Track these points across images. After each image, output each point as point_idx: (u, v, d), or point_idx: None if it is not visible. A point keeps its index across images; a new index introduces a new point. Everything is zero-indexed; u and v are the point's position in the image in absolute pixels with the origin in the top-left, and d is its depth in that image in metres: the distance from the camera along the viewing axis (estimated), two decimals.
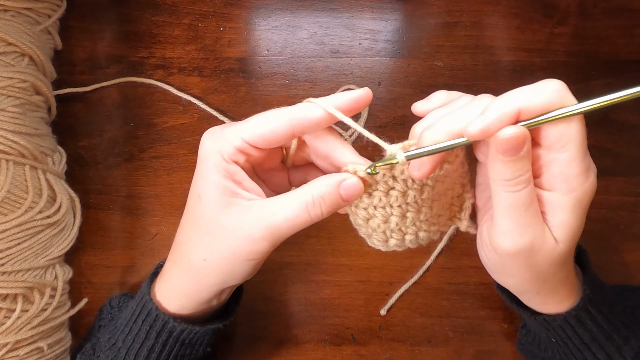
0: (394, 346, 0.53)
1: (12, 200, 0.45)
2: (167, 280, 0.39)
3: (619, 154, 0.55)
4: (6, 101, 0.45)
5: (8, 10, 0.47)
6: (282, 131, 0.33)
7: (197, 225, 0.36)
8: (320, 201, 0.33)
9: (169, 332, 0.39)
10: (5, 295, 0.43)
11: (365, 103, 0.34)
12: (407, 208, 0.34)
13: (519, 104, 0.29)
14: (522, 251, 0.32)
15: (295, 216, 0.33)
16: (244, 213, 0.34)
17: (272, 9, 0.57)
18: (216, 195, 0.34)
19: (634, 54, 0.56)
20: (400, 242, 0.36)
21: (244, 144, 0.34)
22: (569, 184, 0.31)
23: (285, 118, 0.33)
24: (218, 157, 0.34)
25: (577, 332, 0.37)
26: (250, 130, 0.34)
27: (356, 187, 0.33)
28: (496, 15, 0.57)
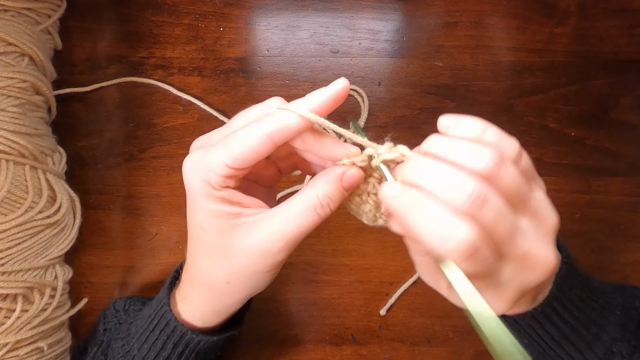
0: (394, 346, 0.53)
1: (12, 200, 0.45)
2: (191, 302, 0.39)
3: (619, 154, 0.55)
4: (6, 101, 0.45)
5: (8, 10, 0.47)
6: (263, 148, 0.32)
7: (209, 252, 0.35)
8: (328, 201, 0.33)
9: (186, 344, 0.39)
10: (5, 295, 0.43)
11: (343, 96, 0.33)
12: None
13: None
14: None
15: (307, 222, 0.34)
16: (255, 230, 0.34)
17: (272, 9, 0.57)
18: (219, 222, 0.34)
19: (634, 54, 0.56)
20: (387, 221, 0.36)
21: (228, 170, 0.33)
22: None
23: (263, 133, 0.32)
24: (208, 188, 0.33)
25: (545, 329, 0.37)
26: (231, 155, 0.32)
27: (357, 177, 0.34)
28: (496, 15, 0.57)
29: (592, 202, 0.54)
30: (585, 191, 0.54)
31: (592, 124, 0.55)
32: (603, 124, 0.55)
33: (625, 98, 0.56)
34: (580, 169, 0.55)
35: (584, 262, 0.53)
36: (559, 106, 0.55)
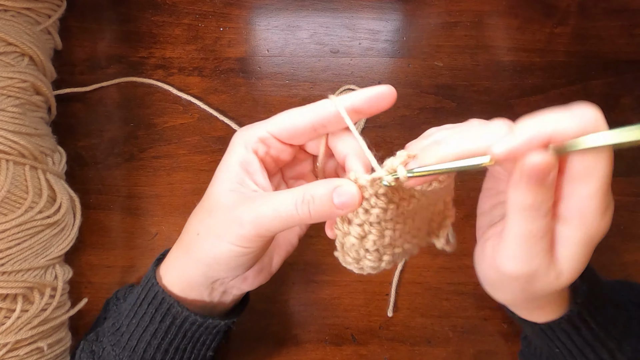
0: (394, 346, 0.53)
1: (12, 200, 0.45)
2: (167, 258, 0.40)
3: (619, 154, 0.55)
4: (6, 101, 0.45)
5: (8, 10, 0.47)
6: (302, 124, 0.35)
7: (203, 203, 0.37)
8: (310, 199, 0.32)
9: (173, 317, 0.39)
10: (5, 295, 0.43)
11: (388, 100, 0.33)
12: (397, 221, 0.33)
13: (553, 128, 0.27)
14: (523, 277, 0.31)
15: (283, 210, 0.33)
16: (242, 199, 0.35)
17: (272, 9, 0.57)
18: (227, 178, 0.36)
19: (634, 54, 0.56)
20: (390, 258, 0.34)
21: (266, 134, 0.35)
22: (584, 220, 0.29)
23: (305, 112, 0.35)
24: (241, 146, 0.36)
25: (581, 333, 0.37)
26: (273, 122, 0.35)
27: (352, 196, 0.31)
28: (496, 15, 0.57)
29: None
30: None
31: None
32: None
33: (625, 98, 0.56)
34: None
35: None
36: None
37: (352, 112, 0.34)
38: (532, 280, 0.31)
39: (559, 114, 0.28)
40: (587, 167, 0.28)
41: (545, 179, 0.27)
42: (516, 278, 0.31)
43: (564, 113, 0.28)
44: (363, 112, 0.34)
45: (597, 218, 0.29)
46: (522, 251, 0.30)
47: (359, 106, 0.34)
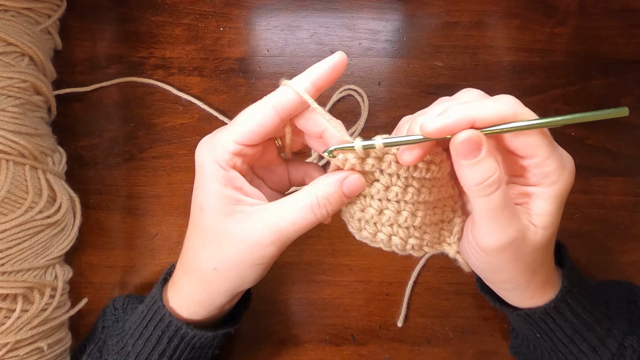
0: (394, 346, 0.53)
1: (12, 200, 0.45)
2: (179, 289, 0.40)
3: (619, 154, 0.55)
4: (6, 101, 0.45)
5: (8, 10, 0.47)
6: (270, 121, 0.34)
7: (203, 236, 0.36)
8: (325, 202, 0.34)
9: (181, 338, 0.39)
10: (5, 295, 0.43)
11: (342, 68, 0.34)
12: (403, 207, 0.35)
13: (474, 114, 0.30)
14: (506, 246, 0.33)
15: (301, 219, 0.34)
16: (249, 219, 0.34)
17: (272, 9, 0.57)
18: (218, 205, 0.34)
19: (634, 54, 0.56)
20: (387, 239, 0.36)
21: (237, 146, 0.34)
22: (550, 179, 0.32)
23: (268, 107, 0.34)
24: (215, 166, 0.34)
25: (558, 324, 0.38)
26: (239, 131, 0.34)
27: (358, 183, 0.34)
28: (496, 15, 0.57)
29: (592, 202, 0.54)
30: (585, 191, 0.54)
31: (592, 124, 0.55)
32: (603, 124, 0.55)
33: (625, 98, 0.56)
34: (580, 169, 0.54)
35: (584, 262, 0.53)
36: (559, 106, 0.55)
37: (314, 91, 0.34)
38: (517, 247, 0.33)
39: (483, 101, 0.31)
40: (525, 145, 0.32)
41: (477, 152, 0.30)
42: (501, 250, 0.33)
43: (486, 100, 0.32)
44: (323, 87, 0.34)
45: (559, 172, 0.32)
46: (493, 224, 0.32)
47: (320, 83, 0.34)
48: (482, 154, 0.30)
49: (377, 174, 0.34)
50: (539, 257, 0.35)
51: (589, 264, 0.53)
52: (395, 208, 0.35)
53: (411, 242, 0.36)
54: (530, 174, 0.33)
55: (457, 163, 0.31)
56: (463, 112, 0.30)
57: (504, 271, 0.36)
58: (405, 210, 0.35)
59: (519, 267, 0.35)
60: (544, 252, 0.35)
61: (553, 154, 0.32)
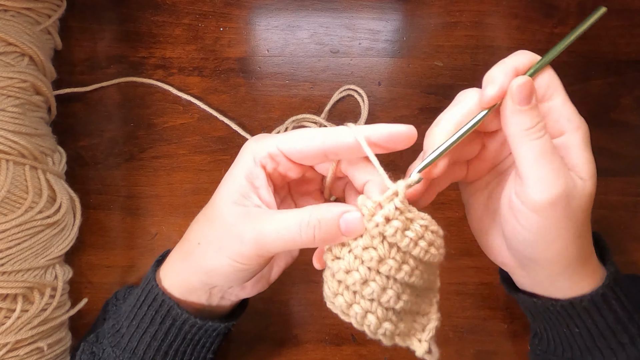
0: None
1: (12, 200, 0.45)
2: (167, 261, 0.41)
3: (619, 154, 0.55)
4: (6, 101, 0.45)
5: (8, 10, 0.47)
6: (314, 149, 0.33)
7: (206, 211, 0.37)
8: (316, 223, 0.32)
9: (173, 319, 0.39)
10: (5, 295, 0.43)
11: (406, 141, 0.33)
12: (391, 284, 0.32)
13: (514, 64, 0.33)
14: (559, 198, 0.32)
15: (285, 231, 0.32)
16: (244, 216, 0.34)
17: (272, 9, 0.57)
18: (232, 189, 0.35)
19: (634, 54, 0.56)
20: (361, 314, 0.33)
21: (277, 150, 0.34)
22: (573, 122, 0.34)
23: (319, 137, 0.33)
24: (250, 157, 0.35)
25: (602, 314, 0.37)
26: (285, 140, 0.34)
27: (358, 223, 0.32)
28: (496, 15, 0.57)
29: None
30: None
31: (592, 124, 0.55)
32: (603, 124, 0.55)
33: (625, 98, 0.56)
34: None
35: None
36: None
37: (370, 145, 0.33)
38: (568, 200, 0.33)
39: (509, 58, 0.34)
40: (548, 84, 0.34)
41: (531, 97, 0.33)
42: (554, 203, 0.32)
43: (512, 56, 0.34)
44: (380, 147, 0.33)
45: (579, 117, 0.35)
46: (545, 170, 0.32)
47: (378, 141, 0.33)
48: (534, 100, 0.33)
49: (376, 241, 0.31)
50: (587, 218, 0.35)
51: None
52: (382, 283, 0.31)
53: (385, 325, 0.33)
54: (554, 121, 0.34)
55: (512, 110, 0.33)
56: (506, 67, 0.33)
57: (556, 237, 0.34)
58: (391, 289, 0.32)
59: (571, 230, 0.34)
60: (589, 209, 0.35)
61: (569, 100, 0.34)
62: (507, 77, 0.33)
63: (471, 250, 0.54)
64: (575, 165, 0.34)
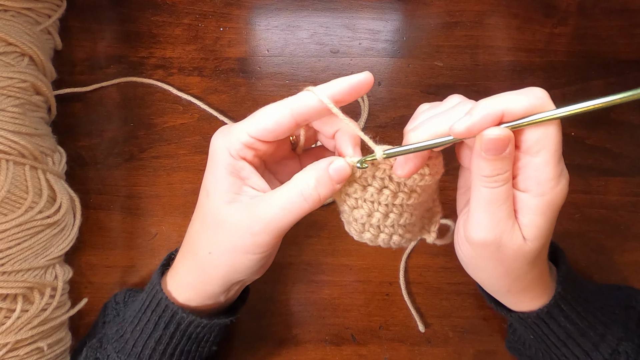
0: (394, 346, 0.53)
1: (12, 200, 0.45)
2: (176, 273, 0.40)
3: (619, 154, 0.55)
4: (6, 101, 0.45)
5: (8, 10, 0.47)
6: (285, 123, 0.34)
7: (204, 220, 0.37)
8: (315, 184, 0.34)
9: (177, 324, 0.39)
10: (5, 295, 0.43)
11: (366, 88, 0.34)
12: (391, 209, 0.36)
13: (504, 106, 0.30)
14: (491, 243, 0.33)
15: (291, 204, 0.34)
16: (245, 208, 0.35)
17: (272, 9, 0.57)
18: (222, 190, 0.35)
19: (634, 54, 0.56)
20: (374, 237, 0.37)
21: (250, 139, 0.35)
22: (541, 188, 0.32)
23: (287, 109, 0.34)
24: (225, 154, 0.35)
25: (551, 328, 0.39)
26: (255, 125, 0.35)
27: (344, 169, 0.34)
28: (496, 15, 0.57)
29: (592, 202, 0.54)
30: (585, 191, 0.54)
31: (592, 124, 0.55)
32: (603, 124, 0.55)
33: None
34: (580, 169, 0.55)
35: (584, 262, 0.53)
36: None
37: (335, 102, 0.34)
38: (500, 248, 0.33)
39: (510, 93, 0.31)
40: (538, 140, 0.31)
41: (502, 150, 0.30)
42: (484, 245, 0.33)
43: (515, 93, 0.31)
44: (344, 101, 0.35)
45: (552, 184, 0.32)
46: (485, 217, 0.33)
47: (342, 96, 0.34)
48: (506, 152, 0.31)
49: (370, 179, 0.35)
50: (523, 267, 0.35)
51: (589, 264, 0.53)
52: (384, 211, 0.36)
53: (394, 238, 0.38)
54: (524, 176, 0.32)
55: (477, 154, 0.31)
56: (492, 107, 0.30)
57: (482, 269, 0.36)
58: (393, 213, 0.36)
59: (498, 270, 0.35)
60: (529, 263, 0.35)
61: (555, 162, 0.32)
62: (483, 121, 0.30)
63: None
64: (523, 225, 0.33)
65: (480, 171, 0.32)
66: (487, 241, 0.33)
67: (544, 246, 0.34)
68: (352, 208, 0.36)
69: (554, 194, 0.32)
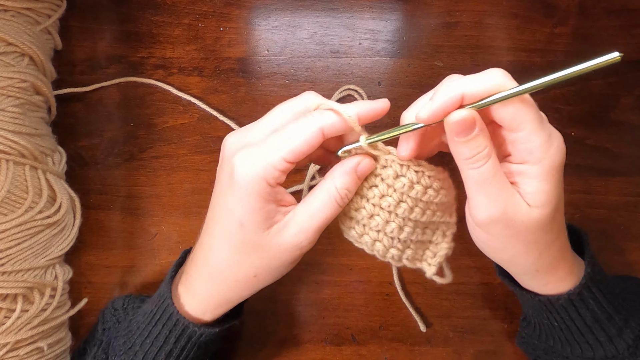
0: (394, 346, 0.53)
1: (12, 200, 0.45)
2: (203, 296, 0.40)
3: (619, 154, 0.55)
4: (6, 101, 0.45)
5: (8, 10, 0.47)
6: (316, 141, 0.34)
7: (241, 248, 0.36)
8: (345, 192, 0.35)
9: (189, 337, 0.40)
10: (5, 295, 0.43)
11: (382, 113, 0.36)
12: (393, 218, 0.36)
13: (462, 89, 0.31)
14: (497, 219, 0.33)
15: (329, 213, 0.35)
16: (285, 228, 0.36)
17: (272, 9, 0.57)
18: (260, 220, 0.35)
19: (634, 54, 0.56)
20: (371, 242, 0.38)
21: (285, 164, 0.34)
22: (535, 155, 0.33)
23: (317, 127, 0.34)
24: (263, 184, 0.34)
25: (579, 312, 0.38)
26: (288, 149, 0.34)
27: (370, 166, 0.36)
28: (496, 15, 0.57)
29: (592, 202, 0.54)
30: (585, 191, 0.54)
31: (592, 124, 0.55)
32: (603, 124, 0.55)
33: (625, 98, 0.56)
34: (580, 169, 0.55)
35: None
36: (559, 106, 0.55)
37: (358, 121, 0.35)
38: (509, 221, 0.33)
39: (469, 77, 0.32)
40: (512, 117, 0.32)
41: (470, 130, 0.32)
42: (493, 222, 0.34)
43: (473, 76, 0.32)
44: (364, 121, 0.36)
45: (544, 148, 0.32)
46: (482, 195, 0.33)
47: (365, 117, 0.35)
48: (475, 132, 0.32)
49: (377, 180, 0.36)
50: (542, 238, 0.35)
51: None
52: (385, 217, 0.36)
53: (392, 251, 0.38)
54: (517, 151, 0.33)
55: (451, 139, 0.32)
56: (451, 91, 0.31)
57: (503, 250, 0.36)
58: (394, 222, 0.36)
59: (518, 246, 0.35)
60: (545, 232, 0.35)
61: (539, 129, 0.32)
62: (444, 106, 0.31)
63: (471, 250, 0.53)
64: (527, 193, 0.34)
65: (460, 156, 0.33)
66: (493, 218, 0.33)
67: (556, 213, 0.34)
68: (356, 209, 0.37)
69: (550, 157, 0.33)
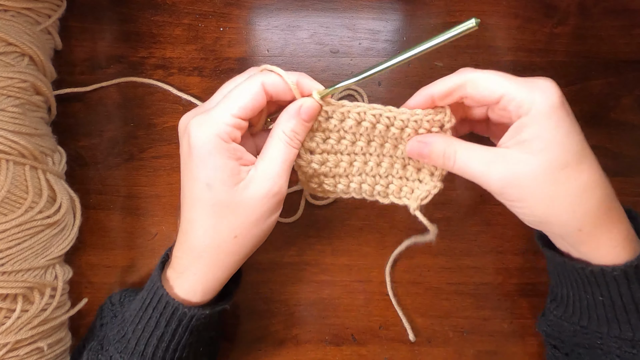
0: (394, 346, 0.53)
1: (12, 200, 0.45)
2: (191, 274, 0.40)
3: (619, 154, 0.55)
4: (6, 101, 0.45)
5: (8, 10, 0.47)
6: (260, 96, 0.37)
7: (214, 211, 0.37)
8: (294, 134, 0.37)
9: (179, 320, 0.40)
10: (5, 295, 0.43)
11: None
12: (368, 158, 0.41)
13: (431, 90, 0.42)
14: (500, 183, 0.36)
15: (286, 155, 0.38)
16: (252, 181, 0.37)
17: (272, 9, 0.57)
18: (226, 177, 0.36)
19: (634, 54, 0.56)
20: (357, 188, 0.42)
21: (235, 119, 0.36)
22: (524, 107, 0.36)
23: (259, 84, 0.37)
24: (217, 140, 0.36)
25: (630, 287, 0.36)
26: (236, 105, 0.36)
27: (311, 104, 0.38)
28: (496, 15, 0.57)
29: None
30: None
31: (592, 124, 0.55)
32: (603, 124, 0.55)
33: (625, 98, 0.56)
34: None
35: None
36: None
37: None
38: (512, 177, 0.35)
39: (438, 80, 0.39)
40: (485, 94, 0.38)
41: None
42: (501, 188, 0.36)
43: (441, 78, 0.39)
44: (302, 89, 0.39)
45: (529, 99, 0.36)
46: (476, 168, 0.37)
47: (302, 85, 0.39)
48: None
49: (342, 133, 0.40)
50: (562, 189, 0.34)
51: None
52: (362, 159, 0.41)
53: (377, 188, 0.42)
54: (512, 114, 0.36)
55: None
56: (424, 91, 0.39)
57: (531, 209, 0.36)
58: (370, 161, 0.41)
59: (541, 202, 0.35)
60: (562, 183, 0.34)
61: (514, 86, 0.35)
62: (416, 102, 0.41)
63: (471, 250, 0.54)
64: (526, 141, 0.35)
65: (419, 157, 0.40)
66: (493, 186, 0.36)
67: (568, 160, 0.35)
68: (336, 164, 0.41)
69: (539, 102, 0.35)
